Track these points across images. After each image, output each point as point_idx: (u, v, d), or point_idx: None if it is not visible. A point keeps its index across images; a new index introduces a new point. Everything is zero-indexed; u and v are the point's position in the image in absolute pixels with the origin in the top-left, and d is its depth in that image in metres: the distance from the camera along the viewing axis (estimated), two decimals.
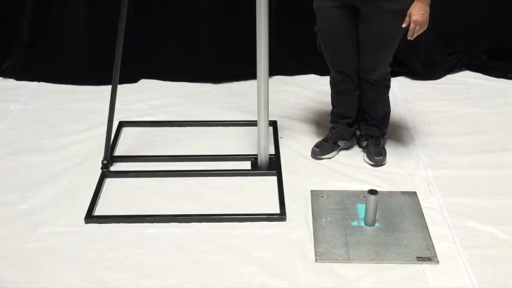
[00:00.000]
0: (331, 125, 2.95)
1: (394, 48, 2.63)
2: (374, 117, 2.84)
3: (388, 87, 2.80)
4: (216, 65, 3.63)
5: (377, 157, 2.80)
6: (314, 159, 2.86)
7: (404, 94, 3.50)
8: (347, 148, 2.94)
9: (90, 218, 2.47)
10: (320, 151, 2.87)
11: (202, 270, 2.22)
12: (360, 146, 2.93)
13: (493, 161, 2.86)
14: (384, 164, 2.81)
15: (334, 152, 2.88)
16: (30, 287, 2.15)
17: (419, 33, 2.46)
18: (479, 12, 3.63)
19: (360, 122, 2.90)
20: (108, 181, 2.71)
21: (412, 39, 2.49)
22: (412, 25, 2.43)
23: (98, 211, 2.53)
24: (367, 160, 2.82)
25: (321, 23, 2.62)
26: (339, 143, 2.90)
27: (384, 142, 2.92)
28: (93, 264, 2.25)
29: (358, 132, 2.95)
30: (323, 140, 2.92)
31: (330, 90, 2.89)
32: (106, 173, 2.74)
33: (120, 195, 2.63)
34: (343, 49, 2.65)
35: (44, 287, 2.15)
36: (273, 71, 3.55)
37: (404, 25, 2.44)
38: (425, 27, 2.46)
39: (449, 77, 3.72)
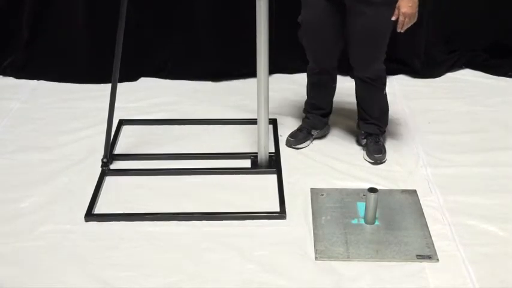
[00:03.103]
0: (304, 115, 2.98)
1: (385, 44, 2.62)
2: (372, 115, 2.84)
3: (384, 84, 2.79)
4: (216, 63, 3.63)
5: (376, 155, 2.80)
6: (315, 158, 2.86)
7: (405, 92, 3.50)
8: (320, 137, 2.98)
9: (90, 216, 2.47)
10: (295, 141, 2.92)
11: (202, 269, 2.22)
12: (360, 144, 2.93)
13: (493, 159, 2.86)
14: (383, 162, 2.81)
15: (308, 141, 2.93)
16: (31, 285, 2.15)
17: (408, 26, 2.47)
18: (480, 11, 3.62)
19: (358, 121, 2.91)
20: (108, 179, 2.72)
21: (402, 31, 2.49)
22: (401, 18, 2.43)
23: (98, 209, 2.53)
24: (367, 158, 2.83)
25: (306, 13, 2.63)
26: (312, 133, 2.94)
27: (384, 140, 2.92)
28: (93, 262, 2.25)
29: (360, 134, 2.93)
30: (297, 129, 2.97)
31: None
32: (106, 171, 2.74)
33: (120, 194, 2.63)
34: (325, 42, 2.66)
35: (44, 286, 2.15)
36: (273, 69, 3.55)
37: (393, 18, 2.45)
38: (415, 20, 2.46)
39: (449, 75, 3.71)
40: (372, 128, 2.86)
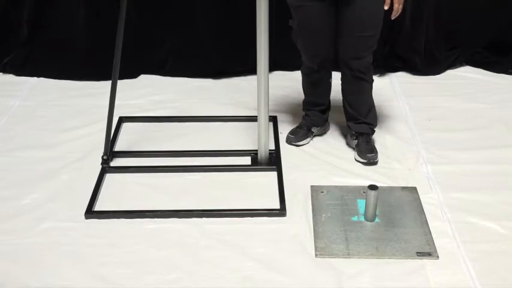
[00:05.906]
0: (303, 113, 2.99)
1: (377, 34, 2.62)
2: (361, 113, 2.82)
3: (372, 81, 2.80)
4: (216, 60, 3.63)
5: (369, 154, 2.77)
6: (315, 155, 2.86)
7: (405, 89, 3.50)
8: (320, 134, 2.99)
9: (91, 214, 2.47)
10: (295, 137, 2.93)
11: (203, 266, 2.22)
12: (350, 146, 2.91)
13: (493, 156, 2.86)
14: (376, 162, 2.80)
15: (309, 139, 2.94)
16: (31, 283, 2.15)
17: (400, 12, 2.53)
18: (480, 8, 3.62)
19: (347, 122, 2.89)
20: (108, 176, 2.72)
21: (393, 18, 2.54)
22: (396, 5, 2.49)
23: (98, 206, 2.53)
24: (359, 158, 2.79)
25: (300, 15, 2.61)
26: (312, 130, 2.95)
27: (373, 140, 2.89)
28: (94, 259, 2.25)
29: (350, 135, 2.89)
30: (297, 126, 2.98)
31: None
32: (106, 169, 2.74)
33: (120, 191, 2.63)
34: (321, 33, 2.64)
35: (44, 283, 2.15)
36: (273, 66, 3.55)
37: (386, 7, 2.49)
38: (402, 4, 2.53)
39: (449, 72, 3.71)
40: (364, 128, 2.84)
